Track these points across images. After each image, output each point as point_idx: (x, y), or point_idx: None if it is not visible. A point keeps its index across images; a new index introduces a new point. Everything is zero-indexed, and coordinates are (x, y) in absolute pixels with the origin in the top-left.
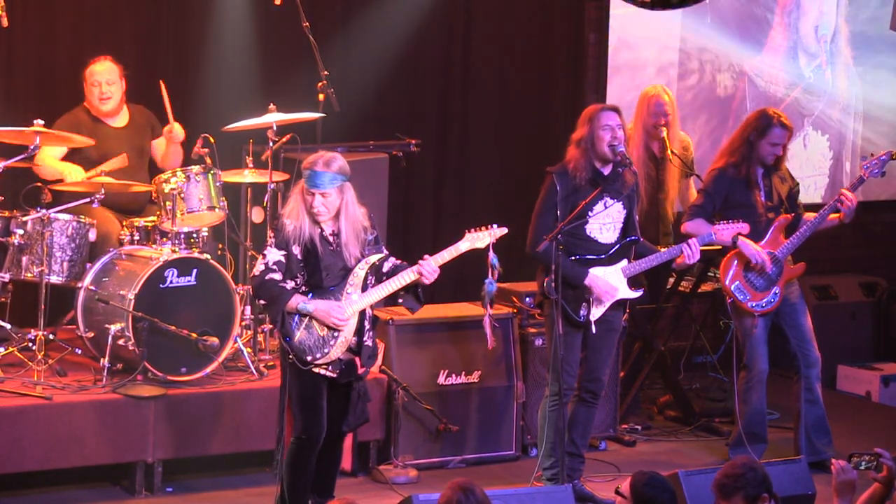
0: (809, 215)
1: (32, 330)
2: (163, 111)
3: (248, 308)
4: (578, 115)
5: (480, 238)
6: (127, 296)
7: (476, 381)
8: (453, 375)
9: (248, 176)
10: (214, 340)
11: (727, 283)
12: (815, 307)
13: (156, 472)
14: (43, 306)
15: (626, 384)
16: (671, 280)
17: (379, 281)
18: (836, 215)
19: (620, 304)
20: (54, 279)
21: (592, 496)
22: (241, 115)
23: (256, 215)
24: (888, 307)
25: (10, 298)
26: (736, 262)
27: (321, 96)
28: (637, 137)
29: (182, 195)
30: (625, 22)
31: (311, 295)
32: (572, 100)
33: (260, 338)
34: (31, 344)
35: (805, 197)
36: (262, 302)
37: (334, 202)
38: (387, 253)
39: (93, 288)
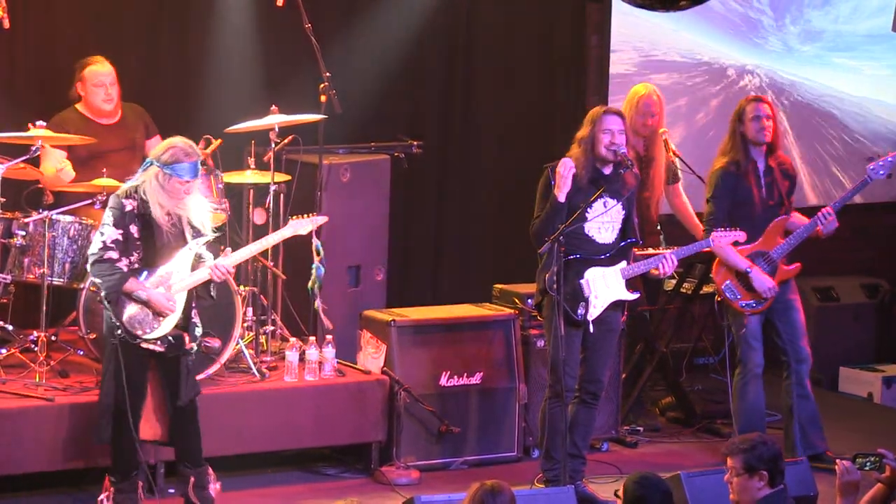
0: (800, 218)
1: (34, 331)
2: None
3: (250, 309)
4: (580, 117)
5: (303, 225)
6: None
7: (478, 382)
8: (455, 377)
9: (250, 177)
10: (216, 342)
11: (718, 281)
12: (817, 309)
13: (158, 473)
14: (45, 308)
15: (627, 385)
16: (672, 282)
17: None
18: (816, 229)
19: (619, 305)
20: (56, 280)
21: (594, 497)
22: (243, 116)
23: (258, 217)
24: (890, 309)
25: (12, 300)
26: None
27: (323, 98)
28: None
29: None
30: (627, 24)
31: (144, 273)
32: (574, 102)
33: (262, 339)
34: (32, 345)
35: (803, 199)
36: (97, 280)
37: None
38: (209, 241)
39: (94, 289)
